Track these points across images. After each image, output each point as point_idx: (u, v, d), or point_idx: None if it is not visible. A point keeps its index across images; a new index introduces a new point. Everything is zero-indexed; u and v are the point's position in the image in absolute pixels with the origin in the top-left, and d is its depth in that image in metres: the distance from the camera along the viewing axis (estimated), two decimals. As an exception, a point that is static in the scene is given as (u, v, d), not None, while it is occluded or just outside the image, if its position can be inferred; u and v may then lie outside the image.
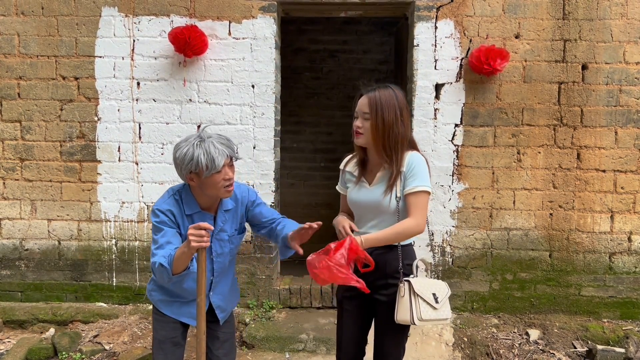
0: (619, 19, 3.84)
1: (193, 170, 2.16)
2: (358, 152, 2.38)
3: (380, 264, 2.26)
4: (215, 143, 2.16)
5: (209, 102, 3.97)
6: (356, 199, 2.35)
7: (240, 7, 3.92)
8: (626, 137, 3.89)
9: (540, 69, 3.88)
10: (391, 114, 2.23)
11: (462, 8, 3.86)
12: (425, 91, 3.91)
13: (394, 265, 2.29)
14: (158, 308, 2.43)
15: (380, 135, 2.23)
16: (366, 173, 2.37)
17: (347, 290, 2.38)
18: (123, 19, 3.95)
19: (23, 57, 4.00)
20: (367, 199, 2.31)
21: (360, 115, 2.27)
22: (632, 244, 3.95)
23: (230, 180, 2.22)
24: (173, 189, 2.33)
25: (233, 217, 2.38)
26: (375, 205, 2.29)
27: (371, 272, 2.23)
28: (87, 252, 4.09)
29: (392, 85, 2.32)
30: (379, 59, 6.27)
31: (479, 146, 3.93)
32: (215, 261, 2.35)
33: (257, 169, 3.99)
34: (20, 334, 3.82)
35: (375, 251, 2.24)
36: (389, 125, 2.22)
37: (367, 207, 2.32)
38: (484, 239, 3.98)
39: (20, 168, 4.07)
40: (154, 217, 2.25)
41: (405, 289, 2.23)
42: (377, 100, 2.23)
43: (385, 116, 2.22)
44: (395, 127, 2.23)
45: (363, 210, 2.35)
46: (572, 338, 3.73)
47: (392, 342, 2.37)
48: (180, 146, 2.20)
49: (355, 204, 2.37)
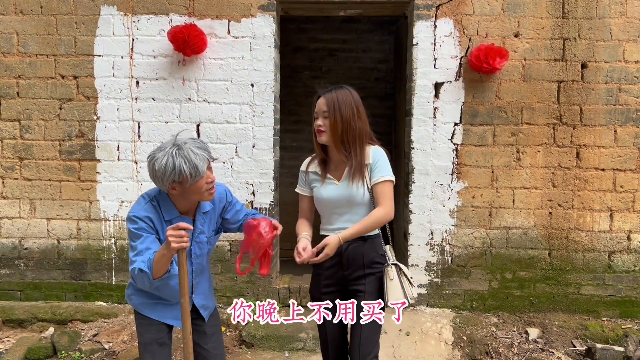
0: (618, 18, 3.83)
1: (176, 180, 2.10)
2: (319, 152, 2.47)
3: (356, 256, 2.39)
4: (194, 149, 2.11)
5: (208, 101, 3.97)
6: (326, 197, 2.41)
7: (239, 6, 3.91)
8: (625, 136, 3.89)
9: (540, 68, 3.88)
10: (348, 110, 2.36)
11: (462, 7, 3.86)
12: (425, 90, 3.91)
13: (371, 255, 2.41)
14: (140, 312, 2.39)
15: (339, 130, 2.35)
16: (330, 171, 2.45)
17: (325, 287, 2.45)
18: (122, 17, 3.94)
19: (22, 56, 4.00)
20: (338, 195, 2.39)
21: (320, 114, 2.38)
22: (631, 242, 3.95)
23: (212, 182, 2.21)
24: (149, 195, 2.27)
25: (211, 218, 2.38)
26: (348, 199, 2.38)
27: (348, 265, 2.38)
28: (86, 251, 4.08)
29: (346, 85, 2.45)
30: (378, 58, 6.26)
31: (479, 145, 3.93)
32: (194, 263, 2.34)
33: (256, 167, 3.98)
34: (19, 333, 3.82)
35: (350, 245, 2.37)
36: (346, 121, 2.35)
37: (338, 203, 2.40)
38: (483, 238, 3.98)
39: (19, 167, 4.06)
40: (130, 224, 2.18)
41: (394, 272, 2.39)
42: (334, 99, 2.37)
43: (342, 113, 2.35)
44: (352, 122, 2.36)
45: (334, 206, 2.42)
46: (571, 337, 3.73)
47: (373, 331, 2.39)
48: (156, 157, 2.12)
49: (325, 202, 2.43)
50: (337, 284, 2.44)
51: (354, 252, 2.38)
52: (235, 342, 3.68)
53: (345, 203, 2.39)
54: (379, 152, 2.42)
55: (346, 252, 2.38)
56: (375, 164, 2.38)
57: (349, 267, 2.40)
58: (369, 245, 2.41)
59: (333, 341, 2.50)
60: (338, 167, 2.43)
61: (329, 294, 2.44)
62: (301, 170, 2.57)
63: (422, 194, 3.95)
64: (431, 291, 4.00)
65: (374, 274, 2.41)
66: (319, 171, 2.48)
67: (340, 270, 2.41)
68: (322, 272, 2.46)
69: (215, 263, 4.04)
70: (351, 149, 2.36)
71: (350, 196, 2.36)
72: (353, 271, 2.40)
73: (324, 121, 2.37)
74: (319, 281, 2.48)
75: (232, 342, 3.67)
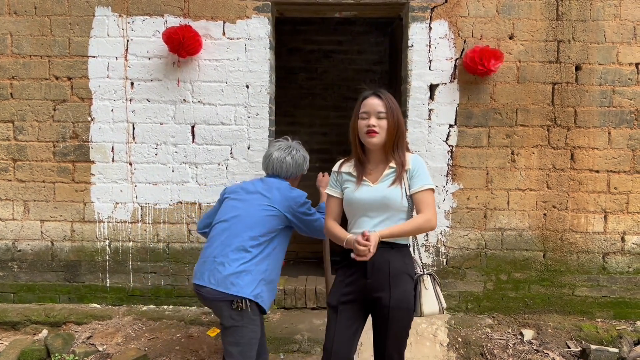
0: (612, 20, 3.85)
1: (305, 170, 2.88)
2: (358, 152, 2.41)
3: (382, 263, 2.29)
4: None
5: (203, 102, 3.96)
6: (360, 198, 2.35)
7: (234, 7, 3.91)
8: (619, 138, 3.91)
9: (534, 70, 3.89)
10: (400, 115, 2.38)
11: (457, 9, 3.87)
12: (420, 92, 3.91)
13: (397, 264, 2.32)
14: (265, 309, 2.64)
15: (394, 134, 2.34)
16: (365, 173, 2.39)
17: (344, 295, 2.37)
18: (117, 18, 3.93)
19: (16, 57, 3.98)
20: (373, 197, 2.32)
21: (374, 114, 2.33)
22: (625, 244, 3.96)
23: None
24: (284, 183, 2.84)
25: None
26: (383, 203, 2.31)
27: (372, 273, 2.27)
28: (80, 253, 4.07)
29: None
30: (373, 60, 6.26)
31: (473, 147, 3.94)
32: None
33: (251, 169, 3.98)
34: (12, 336, 3.80)
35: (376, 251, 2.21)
36: (402, 125, 2.37)
37: (372, 205, 2.33)
38: (478, 239, 3.99)
39: (13, 169, 4.04)
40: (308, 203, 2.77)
41: (429, 281, 2.37)
42: (390, 101, 2.36)
43: (399, 116, 2.37)
44: (402, 127, 2.38)
45: (367, 209, 2.35)
46: (566, 338, 3.74)
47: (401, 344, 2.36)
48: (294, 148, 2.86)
49: (357, 204, 2.36)
50: (358, 291, 2.34)
51: (380, 259, 2.26)
52: (230, 344, 3.67)
53: (379, 206, 2.32)
54: (419, 160, 2.40)
55: (371, 258, 2.17)
56: (416, 171, 2.34)
57: (373, 274, 2.29)
58: (396, 253, 2.33)
59: (337, 353, 2.35)
60: (375, 169, 2.39)
61: (347, 303, 2.37)
62: (333, 171, 2.51)
63: (417, 196, 3.95)
64: (426, 293, 3.99)
65: (399, 285, 2.30)
66: (353, 172, 2.42)
67: (364, 277, 2.32)
68: (343, 279, 2.38)
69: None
70: (399, 152, 2.35)
71: (385, 199, 2.30)
72: (377, 279, 2.30)
73: (379, 122, 2.32)
74: (339, 289, 2.39)
75: (227, 344, 3.66)
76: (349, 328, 2.37)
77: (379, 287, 2.30)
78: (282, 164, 2.81)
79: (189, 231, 4.03)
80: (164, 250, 4.04)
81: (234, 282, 2.53)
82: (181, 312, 3.97)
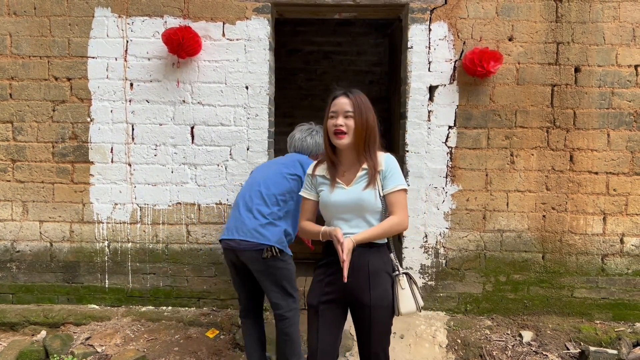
0: (611, 22, 3.86)
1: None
2: (329, 154, 2.39)
3: (361, 264, 2.30)
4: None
5: (203, 103, 3.96)
6: (335, 201, 2.33)
7: (234, 8, 3.91)
8: (618, 140, 3.91)
9: (534, 72, 3.90)
10: (370, 114, 2.32)
11: (456, 10, 3.87)
12: (419, 93, 3.91)
13: (376, 264, 2.33)
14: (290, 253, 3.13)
15: (362, 134, 2.29)
16: (338, 175, 2.38)
17: (324, 295, 2.37)
18: (116, 19, 3.93)
19: (15, 57, 3.98)
20: (347, 200, 2.31)
21: (342, 114, 2.30)
22: (624, 245, 3.97)
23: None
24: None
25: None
26: (358, 205, 2.30)
27: (352, 273, 2.26)
28: (79, 253, 4.06)
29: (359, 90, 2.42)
30: (373, 61, 6.27)
31: (473, 148, 3.94)
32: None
33: (250, 170, 3.97)
34: (11, 337, 3.79)
35: (355, 252, 2.26)
36: (371, 124, 2.31)
37: (347, 208, 2.33)
38: (477, 241, 3.99)
39: (11, 169, 4.04)
40: None
41: (405, 281, 2.36)
42: (359, 100, 2.31)
43: (367, 115, 2.31)
44: (374, 127, 2.33)
45: (341, 211, 2.34)
46: (565, 339, 3.75)
47: (384, 341, 2.37)
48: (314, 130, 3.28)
49: (333, 206, 2.36)
50: (338, 292, 2.35)
51: (358, 259, 2.29)
52: (229, 345, 3.67)
53: (354, 208, 2.32)
54: (392, 159, 2.36)
55: (351, 260, 2.23)
56: (389, 172, 2.32)
57: (353, 275, 2.27)
58: (375, 252, 2.34)
59: (324, 353, 2.36)
60: (348, 171, 2.36)
61: (327, 303, 2.37)
62: (307, 174, 2.50)
63: (416, 197, 3.95)
64: (425, 294, 3.99)
65: (379, 284, 2.32)
66: (327, 175, 2.40)
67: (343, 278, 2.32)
68: (323, 279, 2.39)
69: (209, 266, 4.03)
70: (370, 153, 2.31)
71: (360, 201, 2.29)
72: (357, 279, 2.30)
73: (347, 121, 2.29)
74: (318, 289, 2.39)
75: (226, 346, 3.66)
76: (332, 327, 2.38)
77: (359, 287, 2.32)
78: (303, 143, 3.27)
79: (188, 232, 4.03)
80: (163, 251, 4.04)
81: (262, 232, 2.95)
82: (180, 313, 3.96)
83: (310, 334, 2.41)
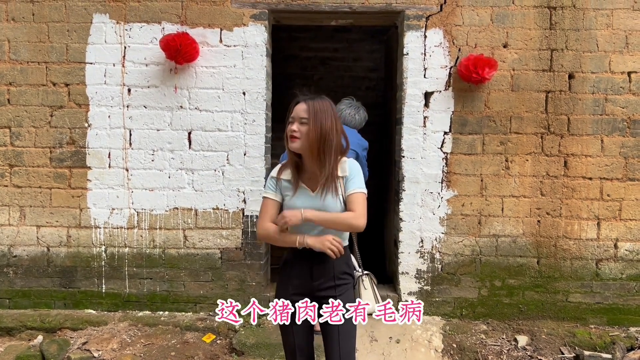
0: (604, 29, 3.90)
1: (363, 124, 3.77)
2: (292, 157, 2.38)
3: (327, 267, 2.35)
4: None
5: (200, 108, 3.98)
6: (300, 206, 2.32)
7: (231, 15, 3.94)
8: (612, 145, 3.95)
9: (528, 78, 3.94)
10: (328, 121, 2.30)
11: (451, 17, 3.91)
12: (415, 99, 3.95)
13: (341, 266, 2.37)
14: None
15: (316, 140, 2.27)
16: (304, 180, 2.38)
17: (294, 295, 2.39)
18: (114, 25, 3.95)
19: (13, 63, 4.00)
20: (312, 205, 2.31)
21: (297, 120, 2.32)
22: (618, 250, 4.00)
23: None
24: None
25: None
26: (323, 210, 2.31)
27: (318, 276, 2.33)
28: (76, 258, 4.07)
29: (326, 97, 2.41)
30: (369, 67, 6.31)
31: (468, 154, 3.97)
32: None
33: (247, 175, 4.00)
34: (7, 342, 3.79)
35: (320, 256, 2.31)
36: (325, 131, 2.28)
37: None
38: (472, 246, 4.01)
39: (9, 174, 4.05)
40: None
41: (368, 281, 2.48)
42: (315, 107, 2.31)
43: (322, 122, 2.28)
44: (330, 134, 2.28)
45: None
46: (559, 344, 3.77)
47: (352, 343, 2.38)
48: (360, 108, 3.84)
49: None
50: (306, 293, 2.38)
51: (323, 262, 2.34)
52: (226, 349, 3.68)
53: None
54: (355, 165, 2.37)
55: (316, 263, 2.33)
56: (351, 176, 2.33)
57: (319, 277, 2.35)
58: (342, 256, 2.37)
59: (301, 350, 2.41)
60: (313, 176, 2.36)
61: (297, 301, 2.39)
62: (271, 176, 2.46)
63: (412, 202, 3.98)
64: (421, 299, 4.01)
65: (345, 284, 2.38)
66: (292, 179, 2.40)
67: (310, 280, 2.36)
68: (291, 280, 2.41)
69: (206, 271, 4.05)
70: (325, 160, 2.28)
71: (324, 207, 2.30)
72: (323, 282, 2.36)
73: (300, 127, 2.30)
74: (287, 288, 2.42)
75: (223, 350, 3.67)
76: (305, 322, 2.40)
77: (324, 289, 2.36)
78: (352, 118, 3.82)
79: (185, 237, 4.04)
80: (159, 256, 4.05)
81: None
82: (177, 318, 3.97)
83: (284, 330, 2.44)
